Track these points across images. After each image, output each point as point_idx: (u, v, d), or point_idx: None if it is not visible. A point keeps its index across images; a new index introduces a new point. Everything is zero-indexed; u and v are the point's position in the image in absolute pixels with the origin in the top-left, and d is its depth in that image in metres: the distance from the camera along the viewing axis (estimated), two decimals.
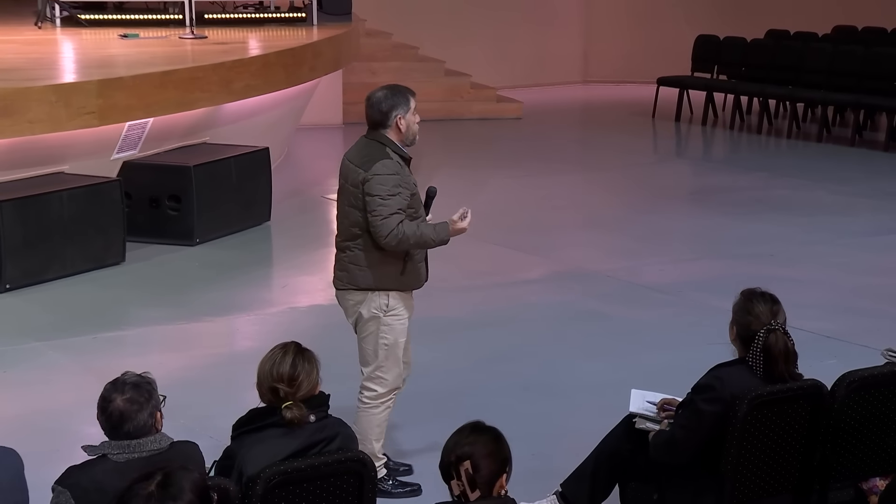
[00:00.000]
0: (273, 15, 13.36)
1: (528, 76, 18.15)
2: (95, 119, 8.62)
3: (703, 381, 4.28)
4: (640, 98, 16.63)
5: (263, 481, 3.55)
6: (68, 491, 3.48)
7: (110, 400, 3.60)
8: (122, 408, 3.58)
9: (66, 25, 12.32)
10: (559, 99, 17.68)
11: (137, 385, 3.64)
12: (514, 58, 18.03)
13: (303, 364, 4.00)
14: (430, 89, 15.71)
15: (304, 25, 12.99)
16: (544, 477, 4.97)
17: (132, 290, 8.35)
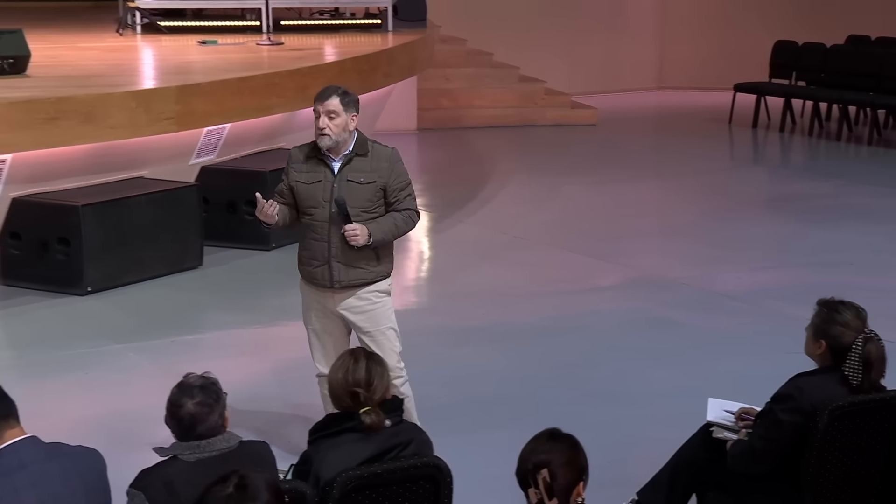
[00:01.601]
0: (349, 21, 13.44)
1: (602, 82, 18.07)
2: (174, 125, 8.73)
3: (782, 391, 4.23)
4: (716, 104, 16.48)
5: (340, 486, 3.57)
6: (142, 493, 3.53)
7: (180, 405, 3.63)
8: (194, 411, 3.62)
9: (147, 32, 12.50)
10: (634, 105, 17.58)
11: (205, 387, 3.67)
12: (589, 64, 17.96)
13: (375, 368, 4.03)
14: (504, 95, 15.71)
15: (379, 32, 13.06)
16: (619, 485, 4.94)
17: (209, 293, 8.43)
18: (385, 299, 5.33)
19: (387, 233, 5.21)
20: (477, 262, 9.34)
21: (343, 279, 5.23)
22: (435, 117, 14.92)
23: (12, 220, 8.22)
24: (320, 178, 5.19)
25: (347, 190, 5.14)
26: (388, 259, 5.34)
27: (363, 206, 5.16)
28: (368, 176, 5.16)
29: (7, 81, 8.87)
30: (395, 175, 5.22)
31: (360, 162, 5.18)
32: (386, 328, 5.33)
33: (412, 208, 5.29)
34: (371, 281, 5.26)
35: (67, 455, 3.61)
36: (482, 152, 14.04)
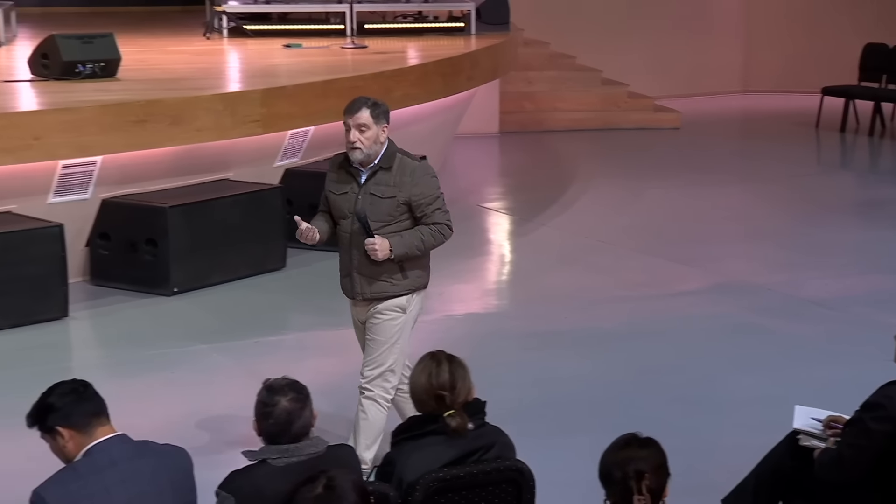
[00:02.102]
0: (432, 24, 13.47)
1: (686, 85, 17.90)
2: (259, 127, 8.82)
3: (872, 399, 4.16)
4: (802, 108, 16.25)
5: (423, 488, 3.58)
6: (232, 496, 3.57)
7: (274, 403, 3.67)
8: (290, 408, 3.66)
9: (233, 36, 12.64)
10: (718, 108, 17.40)
11: (293, 385, 3.72)
12: (672, 67, 17.81)
13: (458, 370, 4.04)
14: (587, 99, 15.64)
15: (462, 35, 13.07)
16: (702, 492, 4.89)
17: (291, 295, 8.50)
18: (397, 314, 5.23)
19: (410, 247, 5.10)
20: (559, 266, 9.31)
21: (365, 291, 5.19)
22: (517, 120, 14.90)
23: (102, 221, 8.37)
24: (347, 189, 5.17)
25: (369, 203, 5.09)
26: (418, 274, 5.22)
27: (384, 220, 5.10)
28: (390, 190, 5.09)
29: (98, 84, 9.03)
30: (420, 189, 5.10)
31: (383, 175, 5.11)
32: (387, 342, 5.23)
33: (442, 222, 5.15)
34: (395, 295, 5.19)
35: (156, 453, 3.67)
36: (564, 156, 13.99)
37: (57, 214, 7.97)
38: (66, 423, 3.61)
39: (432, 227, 5.14)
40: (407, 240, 5.10)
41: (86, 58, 9.24)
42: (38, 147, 7.74)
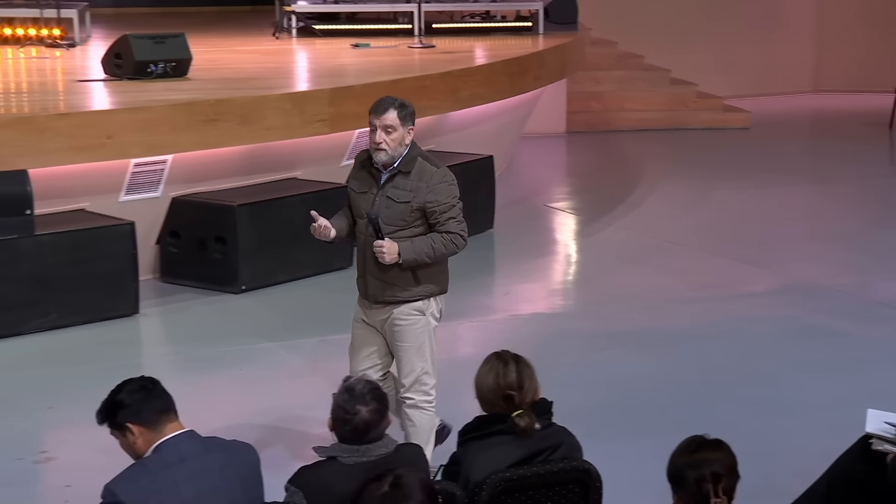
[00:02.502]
0: (499, 24, 13.46)
1: (756, 85, 17.72)
2: (327, 126, 8.87)
3: None
4: (876, 108, 16.01)
5: (489, 487, 3.59)
6: (301, 491, 3.60)
7: (355, 412, 3.68)
8: (369, 419, 3.68)
9: (302, 36, 12.72)
10: (789, 108, 17.20)
11: (376, 394, 3.73)
12: (742, 66, 17.64)
13: (525, 370, 4.03)
14: (655, 98, 15.54)
15: (530, 34, 13.04)
16: (770, 496, 4.83)
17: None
18: (416, 318, 5.17)
19: (420, 253, 5.02)
20: (625, 266, 9.26)
21: (377, 294, 5.14)
22: (584, 120, 14.84)
23: (172, 219, 8.46)
24: (367, 189, 5.13)
25: (384, 206, 5.03)
26: (433, 281, 5.15)
27: (397, 225, 5.04)
28: (406, 195, 5.03)
29: (169, 84, 9.14)
30: (435, 196, 5.02)
31: (401, 180, 5.05)
32: (412, 346, 5.19)
33: (455, 232, 5.05)
34: (407, 300, 5.13)
35: (224, 449, 3.70)
36: (631, 156, 13.91)
37: (128, 212, 8.07)
38: (136, 419, 3.65)
39: (444, 235, 5.04)
40: (417, 246, 5.02)
41: (158, 58, 9.35)
42: (111, 146, 7.85)
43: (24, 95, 9.37)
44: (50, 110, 8.20)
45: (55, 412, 6.32)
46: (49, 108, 8.37)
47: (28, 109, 8.57)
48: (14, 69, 10.46)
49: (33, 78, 10.13)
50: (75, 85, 9.46)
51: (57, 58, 10.87)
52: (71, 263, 7.53)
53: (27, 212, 7.46)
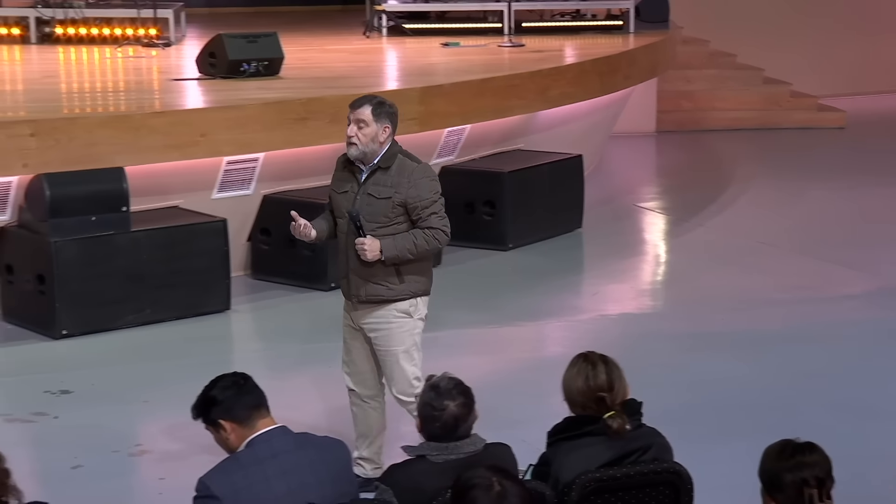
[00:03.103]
0: (590, 23, 13.39)
1: (851, 84, 17.39)
2: (416, 125, 8.90)
3: None
4: None
5: (579, 488, 3.58)
6: (391, 489, 3.63)
7: (443, 408, 3.71)
8: (457, 413, 3.70)
9: (392, 35, 12.79)
10: (886, 108, 16.85)
11: (462, 389, 3.75)
12: (837, 65, 17.33)
13: (614, 371, 4.02)
14: (748, 98, 15.35)
15: (620, 33, 12.96)
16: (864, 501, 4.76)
17: (446, 292, 8.50)
18: (403, 320, 5.15)
19: (402, 250, 5.00)
20: (716, 267, 9.16)
21: (360, 294, 5.11)
22: (675, 119, 14.71)
23: (263, 217, 8.56)
24: (347, 188, 5.13)
25: (366, 203, 5.03)
26: (416, 279, 5.13)
27: (379, 222, 5.03)
28: (386, 191, 5.02)
29: (262, 83, 9.24)
30: (417, 191, 5.02)
31: (381, 176, 5.05)
32: (399, 350, 5.16)
33: (437, 227, 5.04)
34: (390, 299, 5.10)
35: (315, 445, 3.74)
36: (723, 155, 13.76)
37: (220, 209, 8.18)
38: (228, 416, 3.71)
39: (427, 231, 5.03)
40: (399, 242, 5.01)
41: (250, 56, 9.46)
42: (204, 144, 7.97)
43: (120, 94, 9.55)
44: (146, 109, 8.35)
45: (150, 406, 6.44)
46: (145, 107, 8.52)
47: (125, 108, 8.74)
48: (111, 68, 10.66)
49: (130, 77, 10.31)
50: (170, 84, 9.61)
51: (153, 57, 11.06)
52: (165, 260, 7.65)
53: (123, 208, 7.60)
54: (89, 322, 7.35)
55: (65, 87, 9.79)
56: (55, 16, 11.75)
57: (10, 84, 10.00)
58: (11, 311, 7.61)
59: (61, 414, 6.26)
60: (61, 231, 7.32)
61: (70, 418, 6.21)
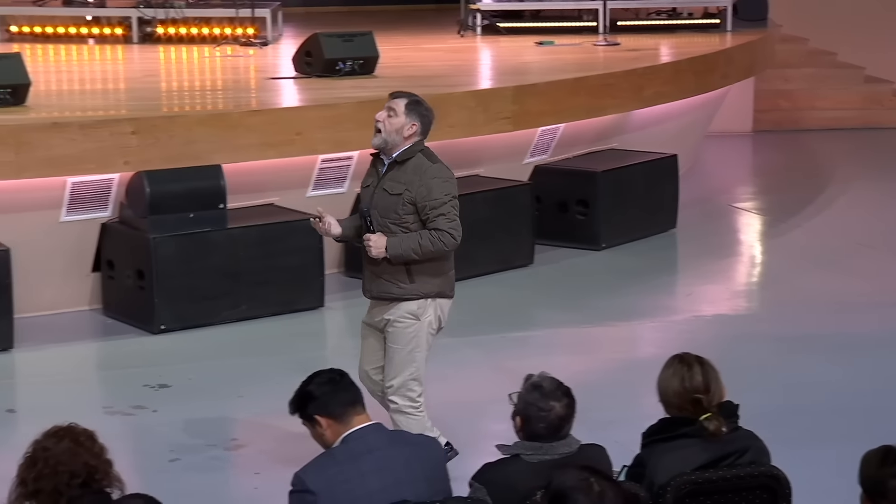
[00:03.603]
0: (686, 21, 13.26)
1: None
2: (510, 124, 8.90)
3: None
4: None
5: (674, 490, 3.56)
6: (485, 488, 3.64)
7: (549, 408, 3.72)
8: (563, 414, 3.73)
9: (486, 34, 12.79)
10: None
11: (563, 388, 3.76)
12: None
13: (710, 372, 3.99)
14: (848, 97, 15.09)
15: (717, 32, 12.82)
16: None
17: (539, 292, 8.55)
18: (410, 322, 5.13)
19: (406, 249, 4.99)
20: (813, 269, 9.03)
21: (372, 289, 5.16)
22: (772, 119, 14.52)
23: None
24: (369, 182, 5.18)
25: (380, 198, 5.07)
26: (428, 280, 5.11)
27: (391, 218, 5.04)
28: (398, 187, 5.03)
29: (357, 81, 9.31)
30: (426, 191, 5.00)
31: (397, 172, 5.07)
32: (403, 350, 5.15)
33: (444, 229, 5.00)
34: (400, 297, 5.09)
35: (410, 443, 3.77)
36: (822, 156, 13.54)
37: (315, 207, 8.23)
38: (324, 412, 3.75)
39: (433, 233, 5.01)
40: (404, 242, 5.01)
41: (346, 55, 9.53)
42: (300, 142, 8.05)
43: (218, 93, 9.69)
44: (243, 107, 8.46)
45: (245, 401, 6.53)
46: (242, 105, 8.63)
47: (222, 106, 8.86)
48: (210, 67, 10.82)
49: (227, 76, 10.46)
50: (267, 82, 9.73)
51: (250, 56, 11.20)
52: (260, 257, 7.75)
53: (220, 206, 7.72)
54: (187, 317, 7.48)
55: (165, 85, 9.96)
56: (156, 16, 11.95)
57: (112, 83, 10.22)
58: (112, 306, 7.77)
59: (160, 407, 6.38)
60: (160, 227, 7.45)
61: (168, 412, 6.32)
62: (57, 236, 7.63)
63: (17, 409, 6.47)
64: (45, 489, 3.35)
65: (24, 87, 7.95)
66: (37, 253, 7.48)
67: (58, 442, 3.41)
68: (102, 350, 7.44)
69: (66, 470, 3.36)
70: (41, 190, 7.50)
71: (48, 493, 3.35)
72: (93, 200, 7.68)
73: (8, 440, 5.84)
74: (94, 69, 10.96)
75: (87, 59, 11.43)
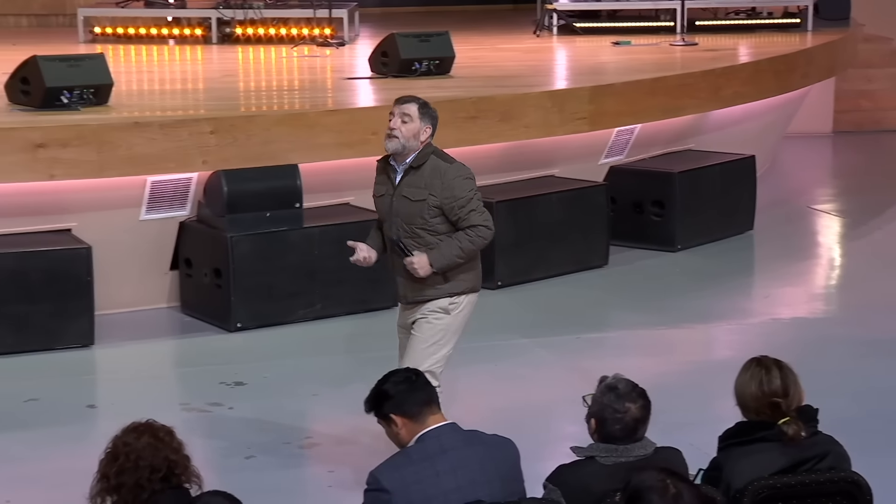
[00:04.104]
0: (766, 21, 13.12)
1: None
2: (586, 125, 8.87)
3: None
4: None
5: (751, 494, 3.53)
6: (559, 489, 3.63)
7: (625, 409, 3.71)
8: (639, 416, 3.71)
9: (562, 34, 12.75)
10: None
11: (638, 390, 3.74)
12: None
13: (789, 375, 3.95)
14: None
15: (798, 31, 12.67)
16: None
17: (613, 293, 8.51)
18: (441, 317, 5.13)
19: (450, 257, 5.01)
20: (893, 272, 8.88)
21: (408, 295, 5.14)
22: (853, 119, 14.31)
23: None
24: (384, 192, 5.13)
25: (401, 206, 5.04)
26: (460, 277, 5.12)
27: (416, 224, 5.03)
28: (420, 192, 5.01)
29: (433, 81, 9.33)
30: (452, 192, 5.01)
31: (414, 177, 5.05)
32: (426, 342, 5.13)
33: (478, 224, 5.02)
34: (435, 297, 5.11)
35: (484, 443, 3.77)
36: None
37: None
38: (400, 411, 3.77)
39: (469, 231, 5.02)
40: (445, 251, 5.02)
41: (422, 55, 9.55)
42: (376, 142, 8.00)
43: (295, 93, 9.76)
44: (319, 107, 8.51)
45: (320, 399, 6.58)
46: (318, 105, 8.69)
47: (299, 106, 8.93)
48: (287, 67, 10.91)
49: (304, 76, 10.53)
50: (343, 82, 9.79)
51: (327, 56, 11.27)
52: (336, 256, 7.75)
53: (297, 205, 7.78)
54: (263, 315, 7.55)
55: (243, 85, 10.05)
56: (235, 16, 12.08)
57: (191, 83, 10.34)
58: (189, 304, 7.86)
59: (235, 405, 6.45)
60: (238, 226, 7.53)
61: (243, 409, 6.39)
62: (137, 235, 7.74)
63: (98, 405, 6.58)
64: (127, 483, 3.40)
65: (107, 88, 8.07)
66: (117, 251, 7.59)
67: (138, 437, 3.46)
68: (180, 347, 7.54)
69: (147, 465, 3.41)
70: (122, 189, 7.61)
71: (130, 488, 3.40)
72: (172, 199, 7.78)
73: (88, 435, 5.94)
74: (174, 69, 11.11)
75: (167, 60, 11.58)
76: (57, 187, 7.40)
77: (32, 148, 7.15)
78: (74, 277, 7.17)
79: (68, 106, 7.72)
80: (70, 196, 7.51)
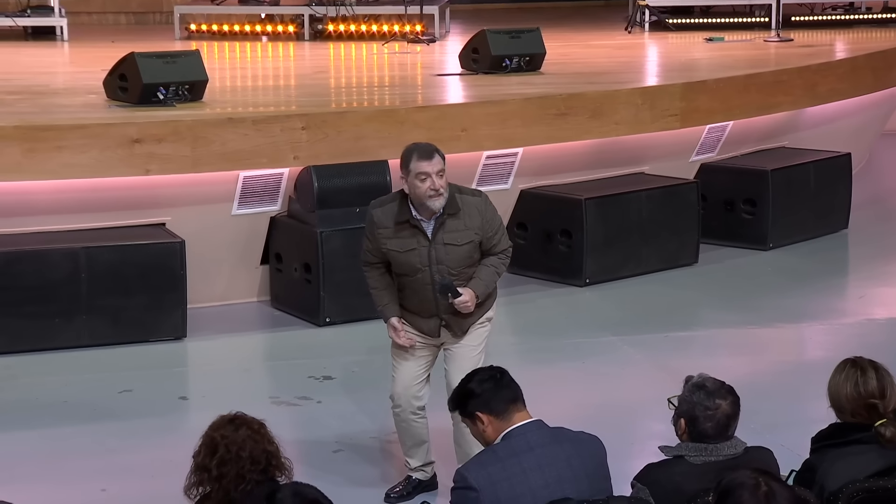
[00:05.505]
0: (864, 16, 12.90)
1: None
2: (677, 121, 8.80)
3: None
4: None
5: (846, 497, 3.48)
6: (647, 489, 3.61)
7: (716, 406, 3.69)
8: (730, 412, 3.69)
9: (654, 30, 12.66)
10: None
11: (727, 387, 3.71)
12: None
13: (885, 376, 3.89)
14: None
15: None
16: None
17: (703, 291, 8.42)
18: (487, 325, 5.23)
19: (490, 284, 5.10)
20: None
21: (458, 329, 5.12)
22: None
23: (519, 211, 8.62)
24: (413, 245, 4.99)
25: (445, 254, 4.97)
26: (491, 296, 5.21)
27: (466, 264, 5.02)
28: (465, 235, 4.98)
29: (523, 78, 9.32)
30: (490, 223, 5.05)
31: (453, 223, 4.97)
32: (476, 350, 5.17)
33: (507, 247, 5.13)
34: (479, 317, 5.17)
35: (571, 440, 3.76)
36: None
37: None
38: (485, 409, 3.77)
39: (501, 255, 5.10)
40: (487, 280, 5.06)
41: (513, 52, 9.54)
42: (465, 138, 8.10)
43: (385, 89, 9.81)
44: (409, 103, 8.55)
45: None
46: (409, 102, 8.73)
47: (389, 102, 8.97)
48: (378, 64, 10.98)
49: (395, 72, 10.59)
50: (433, 79, 9.82)
51: (418, 52, 11.32)
52: None
53: None
54: (351, 311, 7.59)
55: (334, 82, 10.13)
56: (327, 13, 12.18)
57: (283, 79, 10.45)
58: (279, 298, 7.94)
59: (324, 399, 6.50)
60: (328, 222, 7.58)
61: (332, 403, 6.44)
62: (228, 229, 7.84)
63: (189, 397, 6.69)
64: (229, 474, 3.44)
65: (202, 84, 8.19)
66: (209, 245, 7.70)
67: (236, 430, 3.50)
68: (269, 341, 7.62)
69: (248, 456, 3.46)
70: (215, 184, 7.71)
71: (232, 478, 3.44)
72: (263, 194, 7.86)
73: (180, 427, 6.04)
74: (266, 66, 11.24)
75: (260, 56, 11.72)
76: (152, 182, 7.52)
77: (129, 143, 7.28)
78: (168, 271, 7.29)
79: (164, 102, 7.84)
80: (164, 191, 7.63)
